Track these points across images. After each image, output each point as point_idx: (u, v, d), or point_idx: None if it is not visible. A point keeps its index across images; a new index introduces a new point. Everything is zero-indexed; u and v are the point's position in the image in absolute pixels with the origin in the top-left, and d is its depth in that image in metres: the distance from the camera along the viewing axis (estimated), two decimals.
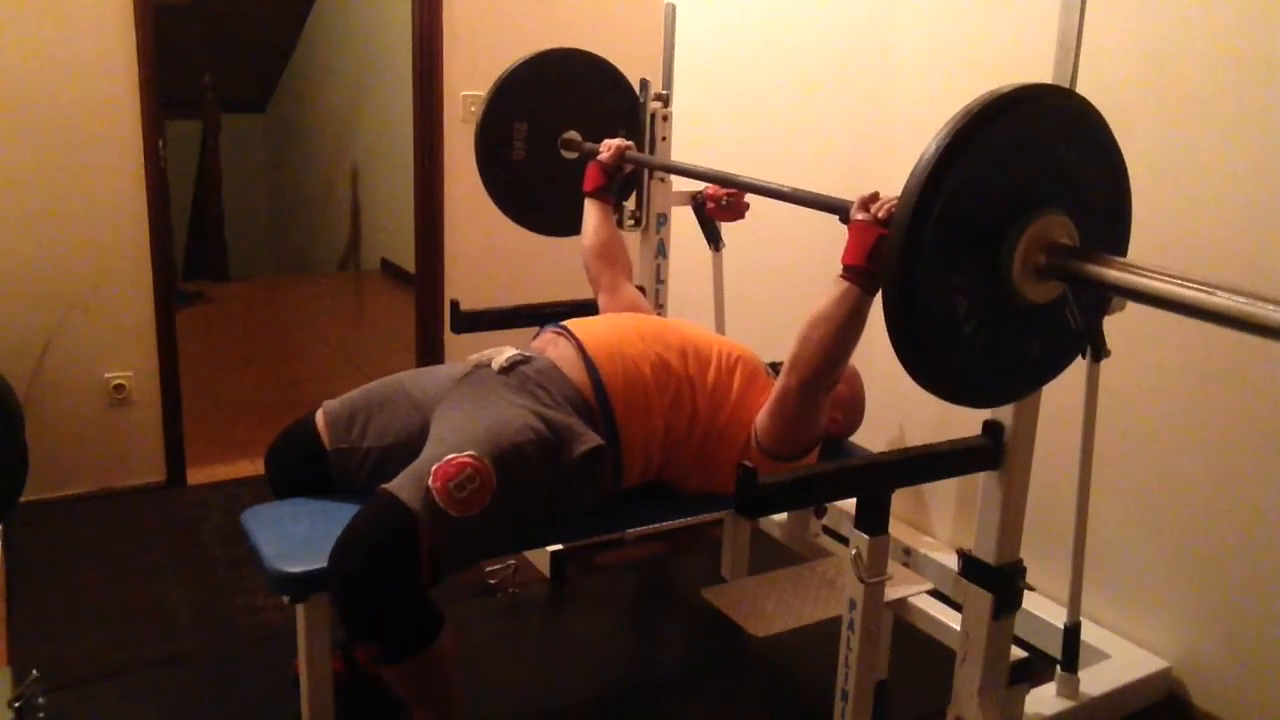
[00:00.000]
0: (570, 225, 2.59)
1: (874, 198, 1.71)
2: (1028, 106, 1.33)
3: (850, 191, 1.81)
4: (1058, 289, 1.40)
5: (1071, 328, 1.47)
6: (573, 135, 2.69)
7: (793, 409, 1.90)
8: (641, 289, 2.86)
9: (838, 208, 1.80)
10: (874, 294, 1.70)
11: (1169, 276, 1.22)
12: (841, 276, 1.75)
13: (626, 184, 2.68)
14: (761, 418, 1.96)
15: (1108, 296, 1.53)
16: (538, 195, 2.71)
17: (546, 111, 2.67)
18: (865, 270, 1.71)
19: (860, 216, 1.71)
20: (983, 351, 1.39)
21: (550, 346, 2.05)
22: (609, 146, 2.51)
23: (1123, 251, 1.46)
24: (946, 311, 1.33)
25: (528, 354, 2.01)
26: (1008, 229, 1.33)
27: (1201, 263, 2.14)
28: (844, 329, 1.77)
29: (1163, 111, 2.19)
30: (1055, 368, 1.53)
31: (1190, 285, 1.19)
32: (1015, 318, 1.39)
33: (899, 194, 1.34)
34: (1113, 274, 1.29)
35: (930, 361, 1.36)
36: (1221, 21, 2.08)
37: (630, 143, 2.54)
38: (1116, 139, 1.42)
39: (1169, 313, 2.19)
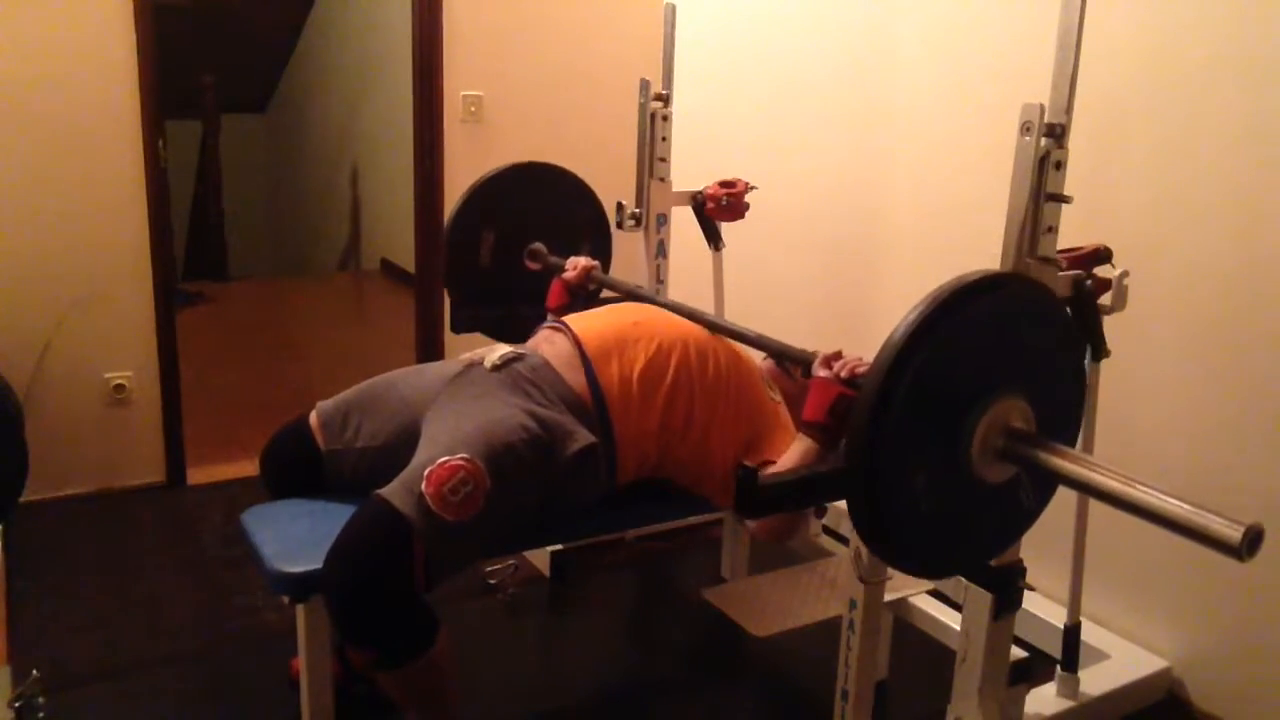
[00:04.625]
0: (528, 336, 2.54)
1: (836, 356, 1.76)
2: (995, 294, 1.35)
3: (851, 190, 1.81)
4: (1012, 469, 1.41)
5: (1024, 507, 1.48)
6: (539, 247, 2.68)
7: (764, 539, 1.97)
8: (642, 288, 2.86)
9: (799, 359, 1.86)
10: (834, 449, 1.74)
11: (1117, 474, 1.25)
12: (802, 433, 1.79)
13: (589, 300, 2.53)
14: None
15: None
16: (499, 303, 2.68)
17: (514, 221, 2.66)
18: (825, 426, 1.74)
19: (822, 374, 1.75)
20: (937, 527, 1.40)
21: (545, 343, 2.04)
22: (575, 265, 2.45)
23: (1073, 439, 1.50)
24: (906, 491, 1.34)
25: (521, 351, 2.00)
26: (968, 411, 1.35)
27: (1200, 264, 2.14)
28: None
29: (1163, 111, 2.19)
30: (1005, 543, 1.57)
31: (1138, 486, 1.23)
32: (971, 496, 1.40)
33: (860, 356, 1.37)
34: (1063, 464, 1.32)
35: (886, 534, 1.37)
36: (1221, 21, 2.08)
37: (596, 263, 2.47)
38: (1071, 317, 1.47)
39: (1169, 314, 2.20)
